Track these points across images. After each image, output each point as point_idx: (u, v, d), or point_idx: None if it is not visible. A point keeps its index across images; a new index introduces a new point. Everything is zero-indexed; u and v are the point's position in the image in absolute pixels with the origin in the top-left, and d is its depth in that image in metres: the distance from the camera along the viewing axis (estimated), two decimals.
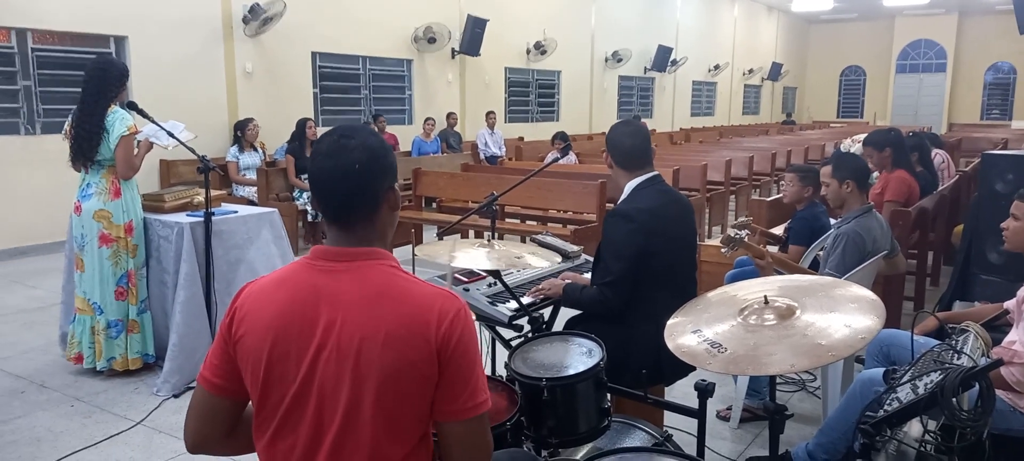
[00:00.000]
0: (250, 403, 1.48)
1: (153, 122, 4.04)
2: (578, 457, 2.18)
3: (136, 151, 4.01)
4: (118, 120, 3.88)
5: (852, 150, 6.65)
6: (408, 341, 1.35)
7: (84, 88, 3.91)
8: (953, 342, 2.31)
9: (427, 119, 11.26)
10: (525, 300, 2.83)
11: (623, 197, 2.73)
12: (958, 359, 2.16)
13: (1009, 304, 2.78)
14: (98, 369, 4.08)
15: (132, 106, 3.99)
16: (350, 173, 1.40)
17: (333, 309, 1.37)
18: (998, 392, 2.31)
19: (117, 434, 3.47)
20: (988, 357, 2.30)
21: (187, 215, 4.14)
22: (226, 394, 1.48)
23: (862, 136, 7.10)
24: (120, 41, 8.23)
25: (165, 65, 8.48)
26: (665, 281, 2.64)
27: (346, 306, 1.37)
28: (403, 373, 1.35)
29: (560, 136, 9.52)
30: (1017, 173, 4.14)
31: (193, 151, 4.08)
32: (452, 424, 1.42)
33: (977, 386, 1.96)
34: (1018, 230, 2.72)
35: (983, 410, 1.95)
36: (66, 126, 4.01)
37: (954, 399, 1.93)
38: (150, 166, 8.10)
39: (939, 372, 2.02)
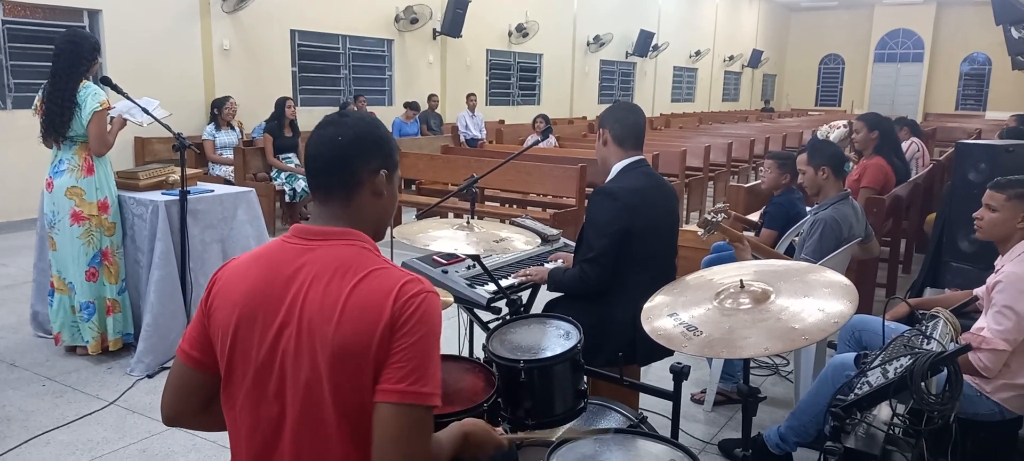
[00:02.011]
0: None
1: (127, 98, 3.97)
2: (554, 439, 2.19)
3: (109, 127, 3.94)
4: (90, 95, 3.80)
5: (831, 136, 6.71)
6: (362, 318, 1.30)
7: (54, 63, 3.81)
8: (923, 328, 2.35)
9: (408, 103, 11.19)
10: (505, 282, 2.83)
11: (610, 177, 2.74)
12: (927, 344, 2.20)
13: (978, 291, 2.84)
14: (67, 346, 4.02)
15: (106, 81, 3.91)
16: (332, 144, 1.42)
17: (298, 286, 1.36)
18: (966, 377, 2.36)
19: (90, 414, 3.44)
20: (957, 343, 2.34)
21: (162, 193, 4.09)
22: (202, 367, 1.47)
23: (839, 122, 7.16)
24: (94, 15, 8.07)
25: (140, 40, 8.33)
26: (645, 264, 2.66)
27: (310, 282, 1.36)
28: (355, 352, 1.30)
29: (541, 118, 9.52)
30: (990, 163, 4.20)
31: (168, 129, 4.02)
32: (385, 405, 1.30)
33: (945, 371, 2.00)
34: (994, 221, 2.75)
35: (951, 394, 2.00)
36: (37, 101, 3.92)
37: (923, 383, 1.97)
38: (124, 143, 7.99)
39: (909, 357, 2.05)
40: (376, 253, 1.42)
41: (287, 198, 7.73)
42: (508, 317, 2.65)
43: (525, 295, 3.00)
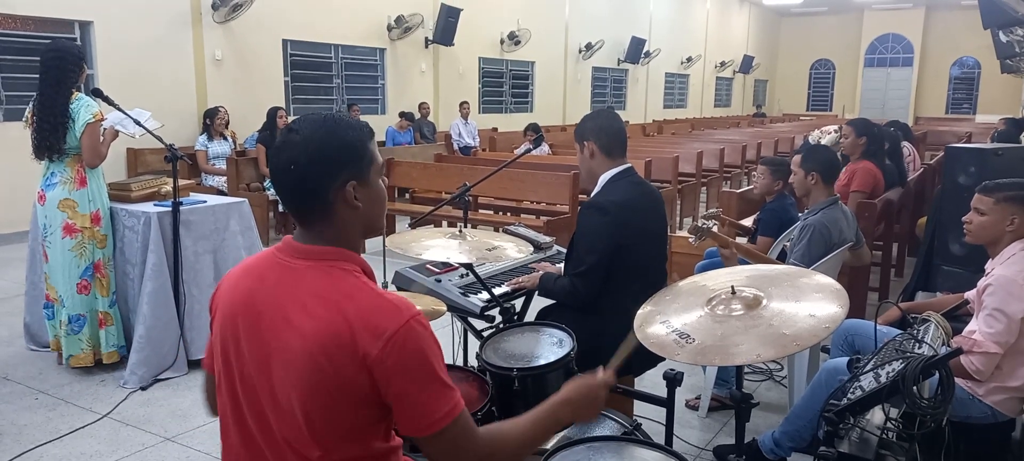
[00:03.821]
0: None
1: (119, 110, 3.96)
2: (548, 447, 2.19)
3: (102, 138, 3.92)
4: (83, 107, 3.79)
5: (823, 141, 6.74)
6: (336, 353, 1.28)
7: (42, 78, 3.77)
8: (915, 332, 2.36)
9: (403, 114, 11.19)
10: (499, 290, 2.83)
11: (597, 189, 2.75)
12: (919, 348, 2.20)
13: (970, 294, 2.85)
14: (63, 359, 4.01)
15: (97, 93, 3.90)
16: (287, 173, 1.34)
17: (276, 308, 1.34)
18: (958, 380, 2.37)
19: (83, 427, 3.42)
20: (948, 346, 2.35)
21: (154, 205, 4.07)
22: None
23: (830, 127, 7.20)
24: (85, 26, 8.06)
25: (132, 51, 8.32)
26: (636, 273, 2.66)
27: (287, 307, 1.33)
28: (329, 384, 1.29)
29: (532, 127, 9.54)
30: (980, 166, 4.22)
31: (160, 140, 4.01)
32: (419, 439, 1.35)
33: (937, 374, 2.01)
34: (983, 224, 2.76)
35: (943, 398, 2.00)
36: (27, 113, 3.90)
37: (915, 387, 1.97)
38: (117, 154, 7.98)
39: (901, 361, 2.06)
40: (356, 275, 1.37)
41: (281, 208, 7.72)
42: (501, 325, 2.65)
43: (518, 303, 3.00)
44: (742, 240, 4.08)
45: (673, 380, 2.26)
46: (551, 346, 2.20)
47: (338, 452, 1.35)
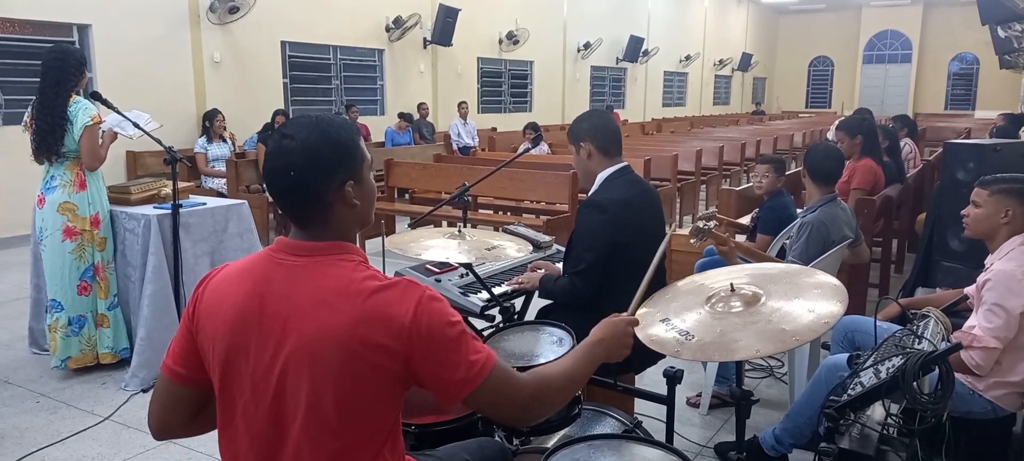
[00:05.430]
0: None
1: (117, 112, 3.96)
2: (549, 445, 2.19)
3: (100, 141, 3.93)
4: (81, 110, 3.80)
5: (828, 135, 6.74)
6: (369, 341, 1.30)
7: (42, 79, 3.78)
8: (915, 327, 2.36)
9: (402, 115, 11.19)
10: (499, 290, 2.83)
11: (595, 188, 2.75)
12: (919, 344, 2.20)
13: (969, 290, 2.85)
14: (52, 367, 4.00)
15: (95, 96, 3.90)
16: (285, 176, 1.35)
17: (290, 307, 1.33)
18: (957, 376, 2.37)
19: (84, 430, 3.42)
20: (948, 342, 2.35)
21: (154, 207, 4.08)
22: (187, 383, 1.47)
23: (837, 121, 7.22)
24: (83, 29, 8.06)
25: (130, 54, 8.33)
26: (635, 271, 2.65)
27: (303, 304, 1.33)
28: (361, 374, 1.31)
29: (531, 126, 9.54)
30: (978, 162, 4.21)
31: (159, 142, 4.01)
32: (466, 400, 1.40)
33: (937, 370, 2.01)
34: (978, 217, 2.78)
35: (943, 393, 2.00)
36: (26, 117, 3.91)
37: (915, 383, 1.97)
38: (116, 157, 7.98)
39: (901, 357, 2.06)
40: (363, 264, 1.39)
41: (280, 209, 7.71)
42: (501, 325, 2.65)
43: (518, 302, 3.01)
44: (741, 238, 4.09)
45: (673, 378, 2.27)
46: (551, 345, 2.20)
47: (360, 439, 1.36)
